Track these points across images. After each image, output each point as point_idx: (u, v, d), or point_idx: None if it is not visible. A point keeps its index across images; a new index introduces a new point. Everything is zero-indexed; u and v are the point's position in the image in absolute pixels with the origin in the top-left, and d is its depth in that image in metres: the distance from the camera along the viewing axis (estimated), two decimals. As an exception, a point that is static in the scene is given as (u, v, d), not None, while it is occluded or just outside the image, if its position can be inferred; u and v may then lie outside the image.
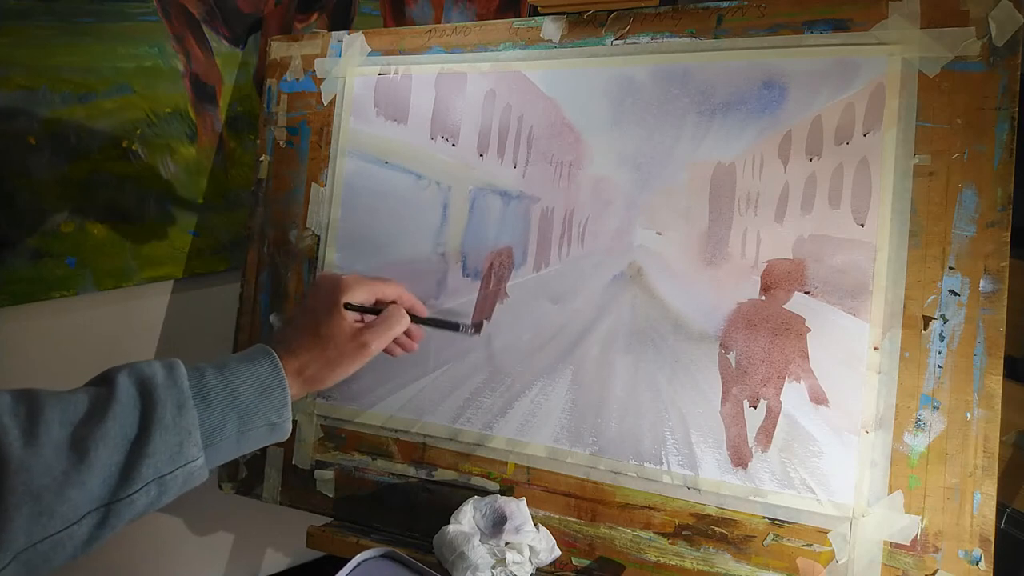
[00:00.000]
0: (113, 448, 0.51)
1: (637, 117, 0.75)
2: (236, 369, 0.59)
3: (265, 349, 0.62)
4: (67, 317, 0.90)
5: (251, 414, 0.58)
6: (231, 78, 0.96)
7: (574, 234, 0.77)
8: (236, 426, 0.57)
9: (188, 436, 0.54)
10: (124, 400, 0.53)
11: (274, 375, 0.60)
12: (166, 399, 0.54)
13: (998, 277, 0.61)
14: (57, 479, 0.48)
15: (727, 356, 0.70)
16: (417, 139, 0.85)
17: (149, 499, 0.53)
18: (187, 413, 0.54)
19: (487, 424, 0.78)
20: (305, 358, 0.63)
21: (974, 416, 0.61)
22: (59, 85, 0.83)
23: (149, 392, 0.54)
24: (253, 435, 0.59)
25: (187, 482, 0.55)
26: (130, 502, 0.51)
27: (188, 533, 1.07)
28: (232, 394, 0.57)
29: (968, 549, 0.60)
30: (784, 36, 0.70)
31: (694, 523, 0.70)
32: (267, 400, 0.59)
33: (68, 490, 0.48)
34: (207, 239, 0.98)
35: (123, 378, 0.54)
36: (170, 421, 0.53)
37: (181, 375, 0.56)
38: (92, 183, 0.87)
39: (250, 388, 0.58)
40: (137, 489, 0.52)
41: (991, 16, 0.62)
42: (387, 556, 0.74)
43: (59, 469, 0.48)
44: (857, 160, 0.67)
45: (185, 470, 0.54)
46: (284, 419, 0.60)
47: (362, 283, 0.67)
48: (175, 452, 0.53)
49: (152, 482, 0.52)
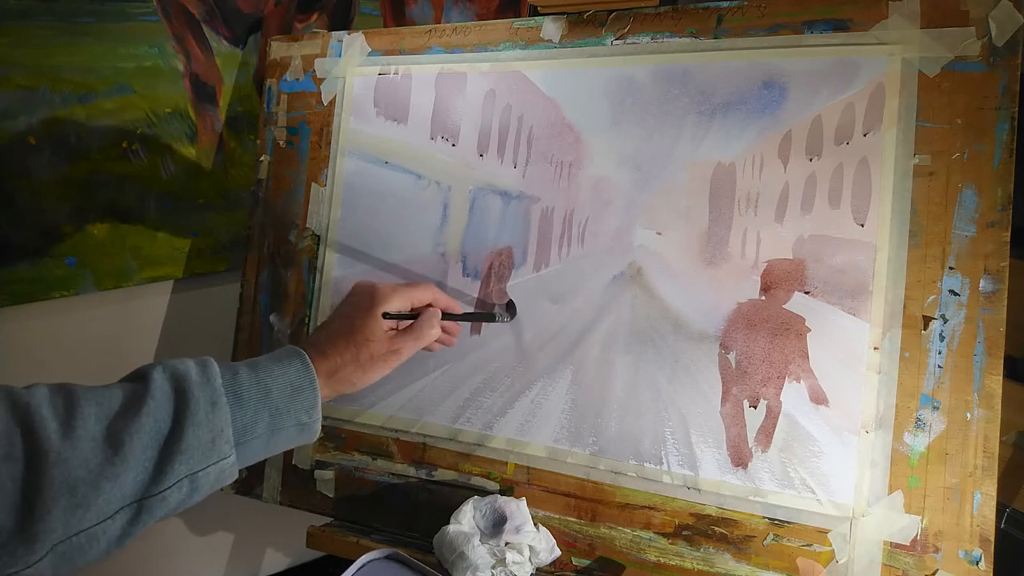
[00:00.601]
0: (147, 443, 0.51)
1: (637, 117, 0.75)
2: (268, 368, 0.59)
3: (296, 350, 0.62)
4: (67, 317, 0.90)
5: (282, 413, 0.59)
6: (231, 78, 0.96)
7: (574, 234, 0.77)
8: (267, 425, 0.58)
9: (220, 433, 0.55)
10: (158, 396, 0.53)
11: (305, 375, 0.60)
12: (200, 396, 0.54)
13: (998, 277, 0.61)
14: (93, 472, 0.48)
15: (727, 356, 0.70)
16: (417, 139, 0.85)
17: (181, 495, 0.53)
18: (220, 410, 0.55)
19: (487, 424, 0.78)
20: (337, 361, 0.64)
21: (974, 416, 0.61)
22: (59, 85, 0.83)
23: (183, 389, 0.54)
24: (284, 434, 0.59)
25: (219, 479, 0.55)
26: (162, 498, 0.52)
27: (188, 533, 1.07)
28: (264, 393, 0.58)
29: (968, 549, 0.60)
30: (784, 36, 0.70)
31: (694, 523, 0.70)
32: (298, 400, 0.59)
33: (103, 483, 0.49)
34: (207, 239, 0.98)
35: (157, 374, 0.54)
36: (203, 418, 0.54)
37: (215, 373, 0.56)
38: (92, 183, 0.87)
39: (281, 387, 0.59)
40: (170, 485, 0.52)
41: (991, 16, 0.62)
42: (391, 558, 0.74)
43: (95, 462, 0.49)
44: (857, 160, 0.67)
45: (217, 467, 0.55)
46: (314, 419, 0.61)
47: (398, 291, 0.68)
48: (208, 449, 0.54)
49: (185, 479, 0.53)
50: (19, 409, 0.48)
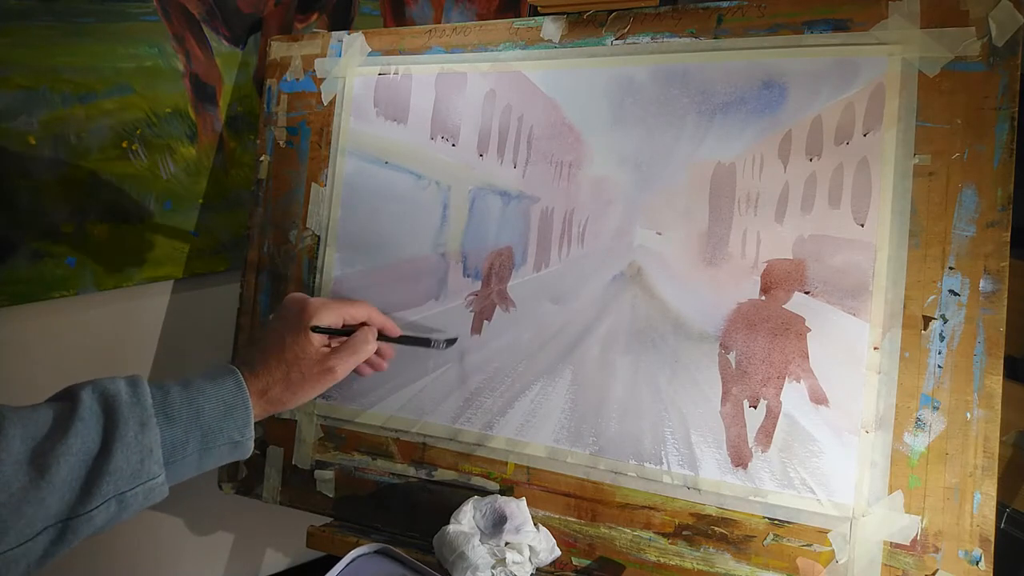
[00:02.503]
0: (74, 465, 0.51)
1: (637, 117, 0.75)
2: (201, 387, 0.59)
3: (229, 368, 0.62)
4: (67, 317, 0.90)
5: (214, 432, 0.59)
6: (231, 78, 0.96)
7: (574, 234, 0.77)
8: (199, 444, 0.58)
9: (150, 454, 0.54)
10: (87, 417, 0.52)
11: (238, 394, 0.60)
12: (129, 417, 0.54)
13: (998, 277, 0.61)
14: (15, 495, 0.48)
15: (727, 356, 0.70)
16: (417, 139, 0.85)
17: (108, 515, 0.53)
18: (149, 431, 0.55)
19: (487, 424, 0.78)
20: (268, 380, 0.64)
21: (974, 416, 0.61)
22: (59, 85, 0.83)
23: (112, 409, 0.54)
24: (215, 452, 0.59)
25: (147, 498, 0.55)
26: (88, 518, 0.51)
27: (188, 533, 1.07)
28: (196, 412, 0.58)
29: (968, 549, 0.60)
30: (784, 36, 0.70)
31: (694, 523, 0.70)
32: (230, 419, 0.60)
33: (25, 507, 0.48)
34: (207, 239, 0.98)
35: (86, 394, 0.54)
36: (132, 439, 0.53)
37: (144, 392, 0.56)
38: (92, 183, 0.87)
39: (214, 406, 0.59)
40: (97, 506, 0.51)
41: (991, 16, 0.62)
42: (381, 552, 0.74)
43: (16, 485, 0.48)
44: (857, 160, 0.67)
45: (145, 487, 0.54)
46: (247, 437, 0.61)
47: (329, 306, 0.68)
48: (136, 469, 0.53)
49: (112, 499, 0.52)
50: None
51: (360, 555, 0.74)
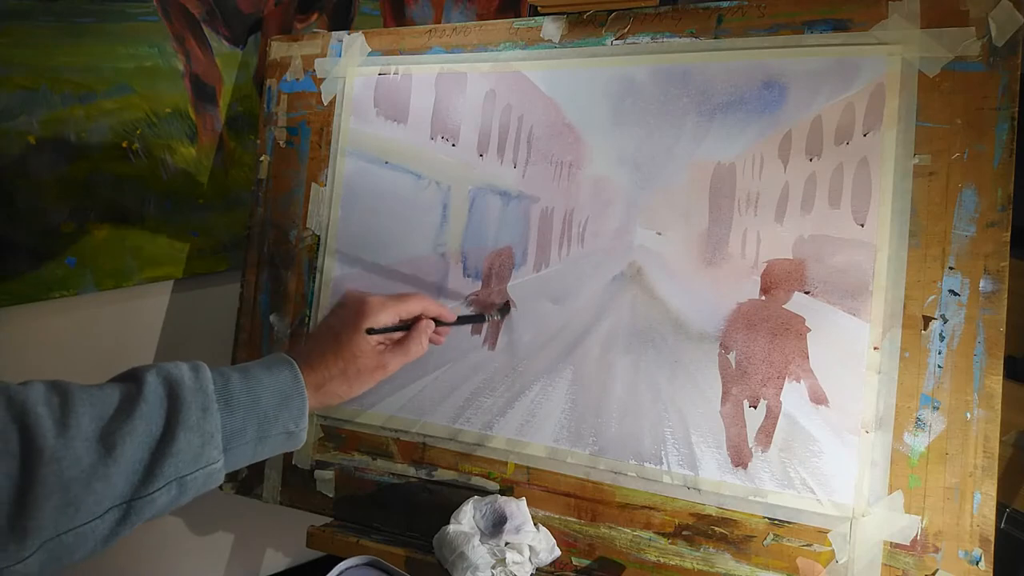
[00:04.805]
0: (139, 445, 0.52)
1: (637, 117, 0.75)
2: (258, 376, 0.60)
3: (286, 358, 0.63)
4: (67, 317, 0.90)
5: (270, 421, 0.59)
6: (231, 78, 0.96)
7: (574, 234, 0.77)
8: (255, 432, 0.59)
9: (211, 439, 0.55)
10: (152, 400, 0.54)
11: (294, 385, 0.61)
12: (192, 401, 0.55)
13: (998, 277, 0.61)
14: (85, 472, 0.49)
15: (727, 356, 0.70)
16: (417, 139, 0.85)
17: (169, 498, 0.54)
18: (211, 416, 0.56)
19: (487, 424, 0.78)
20: (324, 374, 0.64)
21: (974, 416, 0.61)
22: (59, 85, 0.83)
23: (176, 394, 0.55)
24: (271, 442, 0.60)
25: (206, 483, 0.56)
26: (151, 500, 0.52)
27: (188, 533, 1.07)
28: (254, 400, 0.59)
29: (968, 549, 0.60)
30: (784, 36, 0.70)
31: (694, 523, 0.70)
32: (286, 408, 0.60)
33: (95, 483, 0.49)
34: (207, 239, 0.98)
35: (151, 377, 0.55)
36: (194, 423, 0.54)
37: (207, 378, 0.57)
38: (92, 183, 0.87)
39: (271, 396, 0.60)
40: (159, 487, 0.53)
41: (991, 16, 0.62)
42: (370, 564, 0.74)
43: (88, 462, 0.49)
44: (857, 160, 0.66)
45: (205, 471, 0.55)
46: (301, 428, 0.62)
47: (386, 306, 0.68)
48: (197, 453, 0.54)
49: (173, 481, 0.53)
50: (15, 406, 0.49)
51: (349, 567, 0.73)
